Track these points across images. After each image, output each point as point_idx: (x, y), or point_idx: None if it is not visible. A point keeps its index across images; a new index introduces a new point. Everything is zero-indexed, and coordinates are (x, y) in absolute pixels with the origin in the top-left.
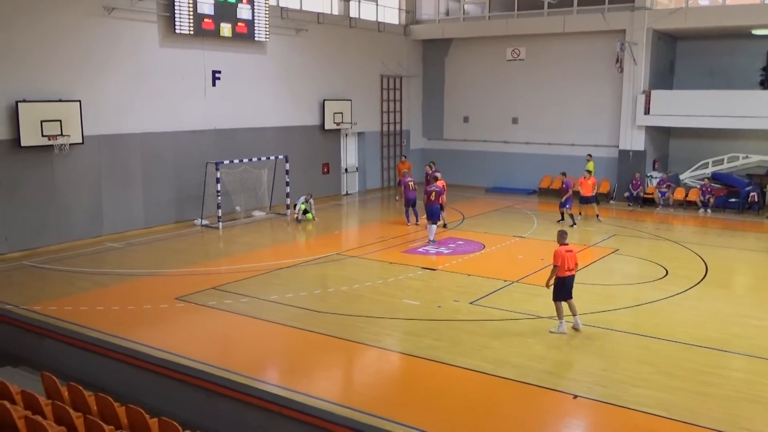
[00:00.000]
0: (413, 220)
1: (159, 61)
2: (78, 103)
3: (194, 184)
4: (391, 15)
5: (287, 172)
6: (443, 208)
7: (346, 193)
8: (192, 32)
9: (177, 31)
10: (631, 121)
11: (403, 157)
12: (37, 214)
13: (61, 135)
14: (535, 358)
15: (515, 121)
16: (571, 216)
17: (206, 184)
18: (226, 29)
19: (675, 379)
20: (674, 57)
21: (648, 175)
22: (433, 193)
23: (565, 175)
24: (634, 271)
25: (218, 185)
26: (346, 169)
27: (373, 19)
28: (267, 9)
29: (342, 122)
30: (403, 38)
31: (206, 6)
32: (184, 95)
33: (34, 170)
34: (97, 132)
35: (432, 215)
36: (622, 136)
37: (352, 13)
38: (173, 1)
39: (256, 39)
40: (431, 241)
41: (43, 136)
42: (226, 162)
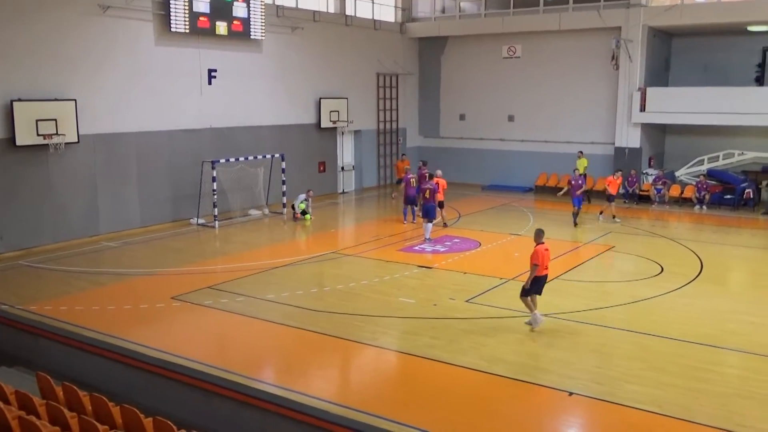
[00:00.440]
0: (410, 218)
1: (154, 59)
2: (73, 102)
3: (190, 182)
4: (387, 13)
5: (283, 170)
6: (442, 206)
7: (343, 192)
8: (187, 30)
9: (172, 30)
10: (626, 118)
11: (403, 156)
12: (32, 213)
13: (57, 134)
14: (530, 356)
15: (511, 118)
16: (575, 215)
17: (202, 182)
18: (221, 27)
19: (669, 375)
20: (669, 54)
21: (644, 172)
22: (428, 191)
23: (576, 171)
24: (629, 268)
25: (214, 184)
26: (343, 168)
27: (369, 17)
28: (263, 7)
29: (338, 120)
30: (399, 36)
31: (202, 4)
32: (179, 94)
33: (29, 169)
34: (93, 131)
35: (427, 213)
36: (617, 134)
37: (348, 11)
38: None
39: (251, 37)
40: (427, 239)
41: (38, 135)
42: (222, 161)
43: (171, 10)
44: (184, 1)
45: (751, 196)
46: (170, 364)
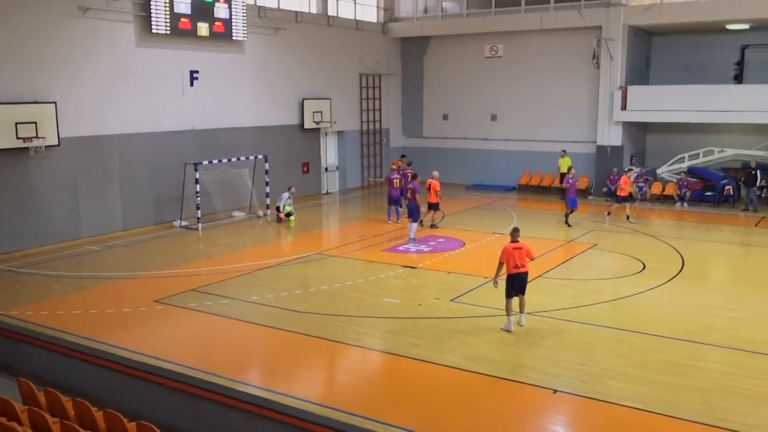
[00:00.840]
0: (394, 218)
1: (136, 61)
2: (53, 104)
3: (173, 185)
4: (370, 13)
5: (267, 171)
6: (436, 208)
7: (327, 193)
8: (169, 32)
9: (153, 31)
10: (608, 116)
11: (402, 156)
12: (13, 217)
13: (37, 137)
14: (515, 354)
15: (494, 118)
16: (567, 215)
17: (185, 185)
18: (203, 29)
19: (652, 371)
20: (650, 52)
21: (625, 170)
22: (409, 191)
23: (569, 170)
24: (612, 265)
25: (197, 186)
26: (326, 169)
27: (352, 17)
28: (244, 8)
29: (321, 121)
30: (382, 36)
31: (183, 5)
32: (161, 95)
33: (9, 173)
34: (74, 134)
35: (411, 213)
36: (599, 132)
37: (330, 12)
38: (149, 1)
39: (233, 38)
40: (412, 239)
41: (18, 138)
42: (205, 162)
43: (152, 11)
44: (165, 3)
45: (731, 193)
46: (153, 367)
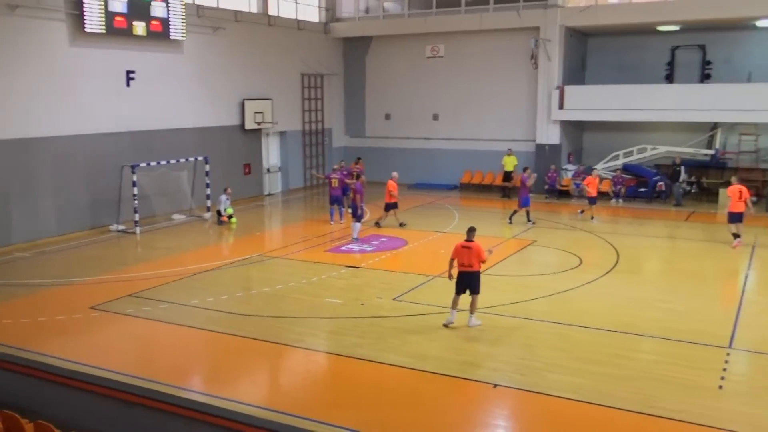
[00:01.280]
0: (337, 218)
1: (69, 61)
2: None
3: (110, 188)
4: (311, 13)
5: (207, 173)
6: (395, 207)
7: (269, 194)
8: (104, 31)
9: (87, 30)
10: (546, 115)
11: (358, 159)
12: None
13: None
14: (457, 351)
15: (436, 117)
16: (527, 213)
17: (122, 188)
18: (139, 28)
19: (589, 363)
20: (585, 53)
21: (563, 167)
22: (352, 191)
23: (525, 170)
24: (550, 261)
25: (135, 189)
26: (268, 170)
27: (293, 17)
28: (182, 7)
29: (263, 122)
30: (324, 36)
31: (118, 3)
32: (96, 97)
33: None
34: (3, 136)
35: (354, 213)
36: (538, 131)
37: (271, 11)
38: None
39: (171, 38)
40: (355, 238)
41: None
42: (143, 165)
43: (85, 9)
44: (99, 1)
45: (664, 189)
46: (89, 375)
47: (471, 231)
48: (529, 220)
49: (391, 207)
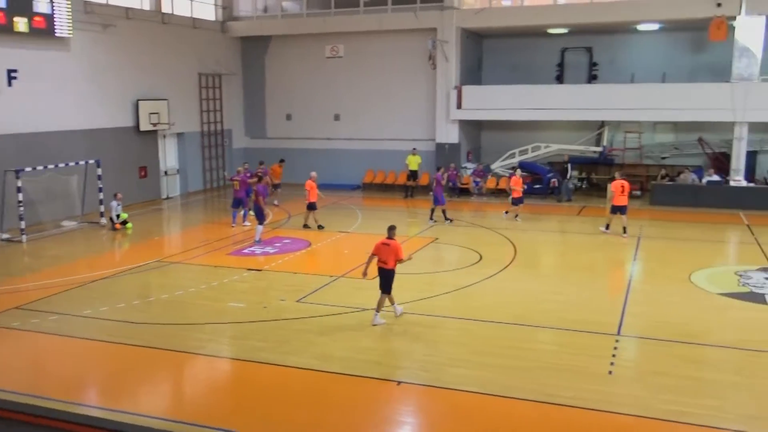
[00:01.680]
0: (239, 221)
1: None
2: None
3: None
4: (207, 11)
5: (99, 177)
6: (313, 208)
7: (167, 197)
8: None
9: None
10: (445, 115)
11: (281, 161)
12: None
13: None
14: (361, 350)
15: (337, 117)
16: (445, 215)
17: (6, 194)
18: (21, 24)
19: (490, 356)
20: (481, 54)
21: (463, 166)
22: (254, 193)
23: (439, 168)
24: (452, 257)
25: (20, 195)
26: (166, 172)
27: (188, 15)
28: (68, 2)
29: (159, 123)
30: (221, 35)
31: None
32: None
33: None
34: None
35: (257, 215)
36: (438, 130)
37: (165, 9)
38: None
39: (57, 35)
40: (257, 240)
41: None
42: (29, 169)
43: None
44: None
45: (557, 185)
46: None
47: (391, 229)
48: (447, 219)
49: (310, 206)
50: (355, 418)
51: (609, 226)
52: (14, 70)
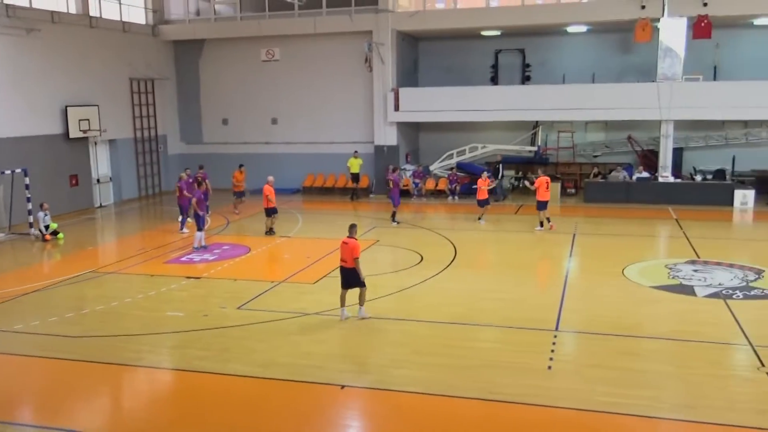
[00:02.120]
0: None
1: None
2: None
3: None
4: (137, 14)
5: (27, 187)
6: (273, 212)
7: (100, 206)
8: None
9: None
10: (383, 117)
11: (240, 166)
12: None
13: None
14: (303, 355)
15: (275, 121)
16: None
17: None
18: None
19: (432, 356)
20: (417, 56)
21: (402, 168)
22: (193, 199)
23: (395, 170)
24: (393, 259)
25: None
26: (98, 180)
27: (117, 19)
28: None
29: (89, 129)
30: (152, 39)
31: None
32: None
33: None
34: None
35: (196, 221)
36: (376, 132)
37: (92, 12)
38: None
39: None
40: (195, 248)
41: None
42: None
43: None
44: None
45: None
46: None
47: (351, 228)
48: (394, 221)
49: (272, 212)
50: (299, 424)
51: (543, 224)
52: None
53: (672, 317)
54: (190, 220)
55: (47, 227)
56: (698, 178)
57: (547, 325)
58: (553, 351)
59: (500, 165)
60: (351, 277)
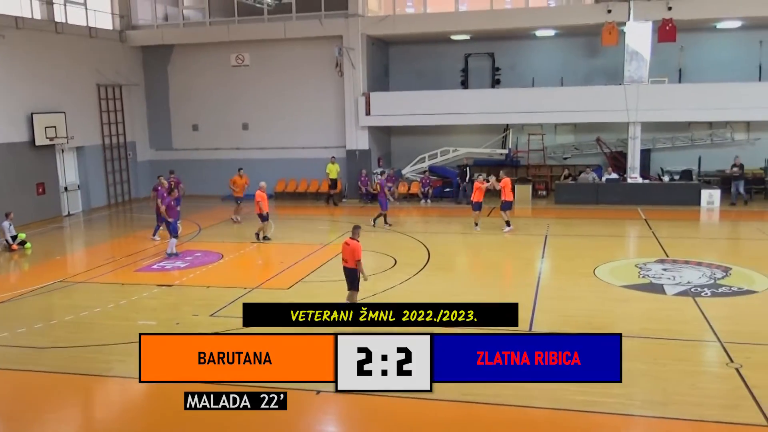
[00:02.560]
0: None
1: None
2: None
3: None
4: (104, 20)
5: None
6: (266, 218)
7: (68, 214)
8: None
9: None
10: (354, 122)
11: (240, 170)
12: None
13: None
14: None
15: (246, 127)
16: (375, 220)
17: None
18: None
19: None
20: (388, 61)
21: (374, 172)
22: (162, 206)
23: (383, 174)
24: (368, 263)
25: None
26: (66, 188)
27: (84, 24)
28: None
29: (56, 137)
30: (120, 45)
31: None
32: None
33: None
34: None
35: (168, 228)
36: (348, 137)
37: (58, 18)
38: None
39: None
40: (169, 254)
41: None
42: None
43: None
44: None
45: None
46: None
47: (355, 229)
48: (373, 223)
49: (265, 218)
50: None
51: (510, 223)
52: None
53: (642, 315)
54: (163, 228)
55: (14, 237)
56: (666, 178)
57: (520, 325)
58: None
59: (467, 168)
60: (349, 278)
